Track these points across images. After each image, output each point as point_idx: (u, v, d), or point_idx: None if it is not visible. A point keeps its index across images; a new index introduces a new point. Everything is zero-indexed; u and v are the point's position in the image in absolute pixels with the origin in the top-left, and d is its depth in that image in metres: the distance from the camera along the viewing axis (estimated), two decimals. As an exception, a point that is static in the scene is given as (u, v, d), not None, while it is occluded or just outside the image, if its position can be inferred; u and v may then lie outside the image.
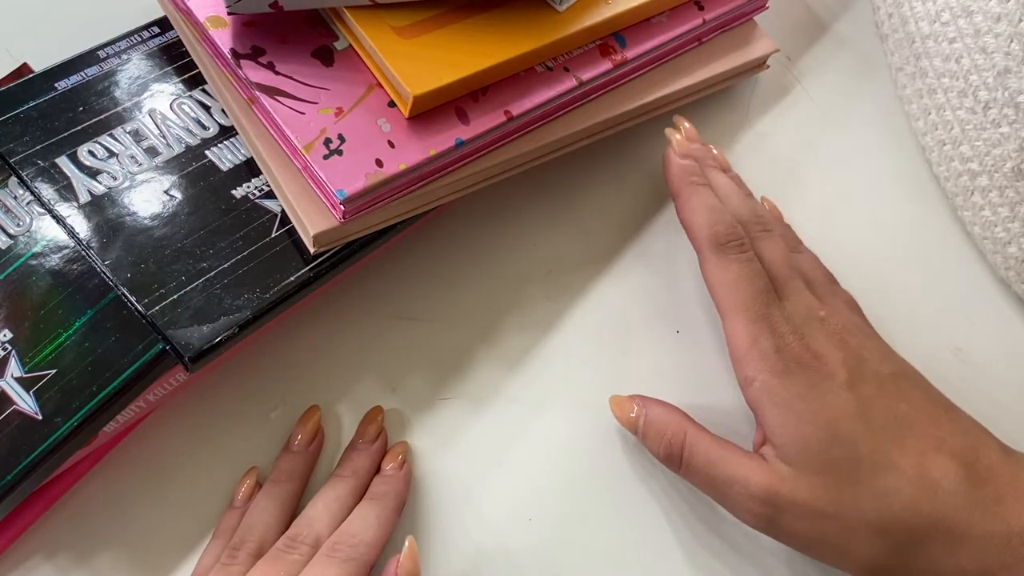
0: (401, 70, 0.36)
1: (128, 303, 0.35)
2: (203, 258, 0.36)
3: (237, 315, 0.35)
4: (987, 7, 0.42)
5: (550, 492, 0.39)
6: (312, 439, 0.38)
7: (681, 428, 0.37)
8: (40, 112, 0.38)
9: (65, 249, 0.37)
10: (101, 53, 0.41)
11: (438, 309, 0.42)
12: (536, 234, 0.44)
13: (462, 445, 0.40)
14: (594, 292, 0.43)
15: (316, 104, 0.36)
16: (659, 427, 0.37)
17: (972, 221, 0.45)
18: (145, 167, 0.38)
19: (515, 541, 0.38)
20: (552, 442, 0.40)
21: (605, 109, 0.42)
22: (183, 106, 0.40)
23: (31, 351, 0.35)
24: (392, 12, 0.38)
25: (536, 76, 0.40)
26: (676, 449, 0.36)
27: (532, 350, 0.42)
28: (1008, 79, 0.41)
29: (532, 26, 0.39)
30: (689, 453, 0.36)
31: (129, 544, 0.37)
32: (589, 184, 0.46)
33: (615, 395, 0.39)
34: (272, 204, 0.38)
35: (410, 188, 0.37)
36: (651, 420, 0.37)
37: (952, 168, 0.45)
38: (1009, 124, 0.42)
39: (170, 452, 0.39)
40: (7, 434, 0.33)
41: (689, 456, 0.36)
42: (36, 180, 0.37)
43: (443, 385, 0.41)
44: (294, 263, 0.37)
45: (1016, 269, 0.43)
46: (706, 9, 0.44)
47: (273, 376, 0.40)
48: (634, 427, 0.38)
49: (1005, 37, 0.41)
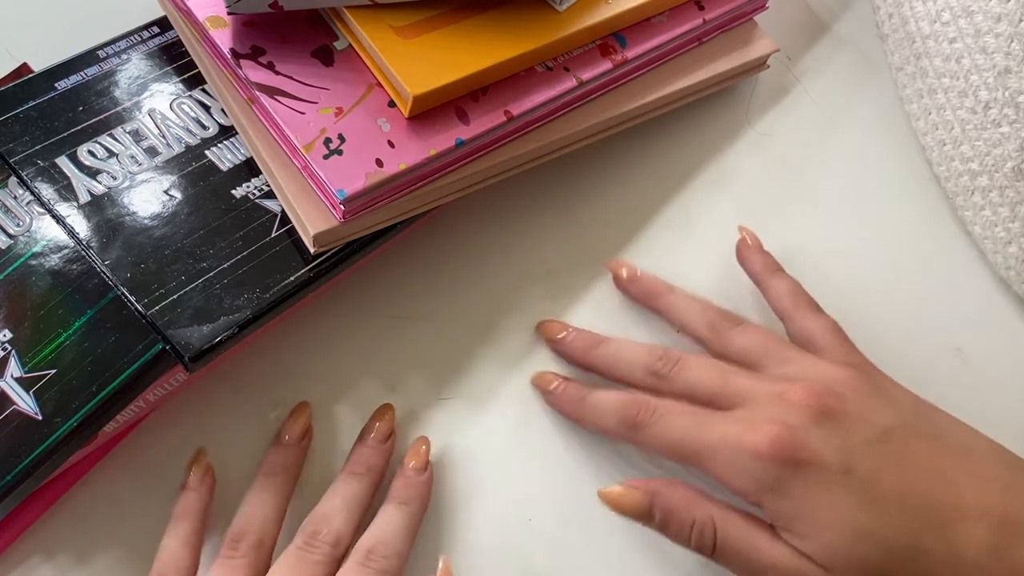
0: (401, 70, 0.36)
1: (128, 303, 0.35)
2: (203, 258, 0.36)
3: (237, 315, 0.35)
4: (987, 7, 0.42)
5: (550, 492, 0.39)
6: (303, 434, 0.38)
7: (707, 514, 0.34)
8: (40, 112, 0.38)
9: (65, 249, 0.37)
10: (101, 53, 0.41)
11: (438, 309, 0.42)
12: (536, 234, 0.44)
13: (462, 445, 0.40)
14: (594, 292, 0.43)
15: (316, 104, 0.36)
16: (682, 514, 0.34)
17: (972, 221, 0.45)
18: (145, 167, 0.38)
19: (515, 541, 0.38)
20: (552, 442, 0.40)
21: (605, 109, 0.42)
22: (183, 106, 0.40)
23: (31, 351, 0.35)
24: (392, 12, 0.38)
25: (536, 76, 0.40)
26: (708, 539, 0.34)
27: (532, 350, 0.42)
28: (1008, 79, 0.41)
29: (532, 26, 0.39)
30: (722, 542, 0.34)
31: (129, 544, 0.37)
32: (589, 184, 0.46)
33: (602, 489, 0.36)
34: (272, 204, 0.38)
35: (410, 188, 0.37)
36: (670, 509, 0.35)
37: (952, 168, 0.45)
38: (1009, 124, 0.42)
39: (170, 452, 0.39)
40: (7, 434, 0.33)
41: (722, 546, 0.34)
42: (36, 180, 0.37)
43: (443, 385, 0.41)
44: (294, 263, 0.37)
45: (1016, 269, 0.43)
46: (706, 9, 0.44)
47: (273, 376, 0.40)
48: (645, 515, 0.35)
49: (1005, 37, 0.41)
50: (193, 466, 0.38)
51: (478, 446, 0.40)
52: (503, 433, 0.40)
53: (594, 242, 0.44)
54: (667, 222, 0.45)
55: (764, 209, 0.46)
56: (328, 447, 0.39)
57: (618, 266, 0.42)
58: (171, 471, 0.38)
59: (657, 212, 0.45)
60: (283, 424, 0.39)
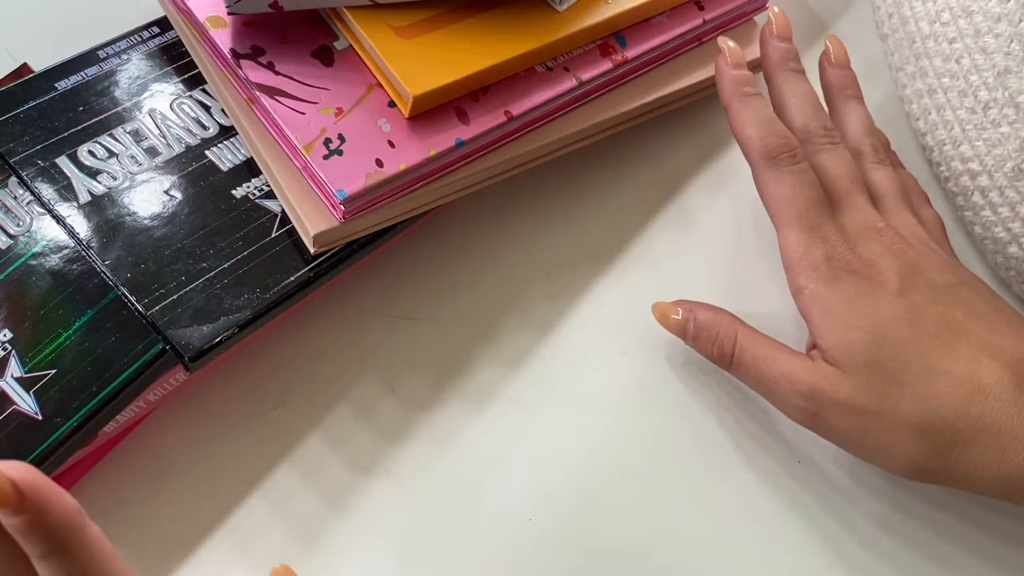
0: (401, 70, 0.36)
1: (128, 303, 0.35)
2: (203, 258, 0.36)
3: (237, 315, 0.35)
4: (987, 7, 0.42)
5: (550, 492, 0.39)
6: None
7: (732, 328, 0.38)
8: (40, 112, 0.38)
9: (65, 249, 0.37)
10: (101, 53, 0.41)
11: (438, 309, 0.42)
12: (536, 234, 0.44)
13: (462, 445, 0.40)
14: (594, 292, 0.43)
15: (316, 104, 0.36)
16: (710, 329, 0.38)
17: (972, 221, 0.45)
18: (145, 167, 0.38)
19: (515, 541, 0.38)
20: (552, 442, 0.40)
21: (605, 109, 0.42)
22: (183, 106, 0.40)
23: (31, 351, 0.35)
24: (392, 12, 0.38)
25: (536, 76, 0.40)
26: (728, 349, 0.37)
27: (532, 350, 0.42)
28: (1008, 79, 0.41)
29: (532, 26, 0.39)
30: (740, 351, 0.37)
31: (129, 544, 0.37)
32: (589, 184, 0.46)
33: (657, 302, 0.40)
34: (272, 204, 0.38)
35: (410, 188, 0.37)
36: (701, 322, 0.38)
37: (952, 168, 0.45)
38: (1009, 124, 0.42)
39: (170, 452, 0.39)
40: (7, 434, 0.33)
41: (740, 355, 0.37)
42: (36, 180, 0.37)
43: (443, 385, 0.41)
44: (294, 263, 0.37)
45: (1017, 269, 0.43)
46: (706, 9, 0.44)
47: (273, 376, 0.40)
48: (683, 331, 0.39)
49: (1005, 37, 0.41)
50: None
51: (478, 446, 0.40)
52: (503, 433, 0.40)
53: (594, 242, 0.44)
54: (667, 222, 0.45)
55: (764, 209, 0.46)
56: (328, 447, 0.39)
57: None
58: (171, 471, 0.38)
59: (657, 212, 0.45)
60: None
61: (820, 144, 0.38)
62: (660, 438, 0.40)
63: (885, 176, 0.39)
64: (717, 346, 0.38)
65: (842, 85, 0.42)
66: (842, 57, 0.42)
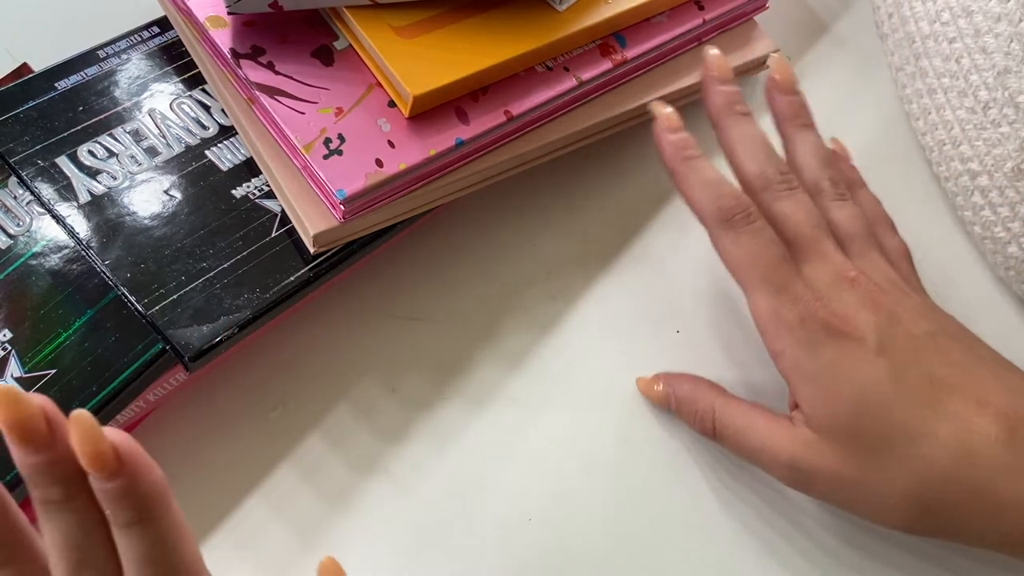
0: (401, 70, 0.36)
1: (128, 303, 0.35)
2: (203, 258, 0.36)
3: (237, 315, 0.35)
4: (987, 7, 0.42)
5: (550, 492, 0.39)
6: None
7: (709, 403, 0.38)
8: (40, 112, 0.38)
9: (65, 249, 0.37)
10: (101, 53, 0.41)
11: (438, 309, 0.42)
12: (536, 234, 0.44)
13: (462, 445, 0.40)
14: (594, 292, 0.43)
15: (316, 104, 0.36)
16: (689, 404, 0.39)
17: (972, 221, 0.45)
18: (145, 167, 0.38)
19: (515, 541, 0.38)
20: (552, 442, 0.40)
21: (605, 109, 0.42)
22: (183, 106, 0.40)
23: (31, 351, 0.35)
24: (392, 12, 0.38)
25: (536, 76, 0.40)
26: (708, 424, 0.38)
27: (532, 350, 0.42)
28: (1008, 79, 0.41)
29: (532, 26, 0.39)
30: (720, 426, 0.37)
31: (129, 544, 0.37)
32: (589, 184, 0.46)
33: (640, 377, 0.41)
34: (272, 204, 0.38)
35: (410, 188, 0.37)
36: (681, 397, 0.39)
37: (952, 168, 0.45)
38: (1009, 124, 0.42)
39: (170, 452, 0.39)
40: (7, 434, 0.33)
41: (720, 429, 0.37)
42: (36, 180, 0.37)
43: (443, 385, 0.41)
44: (294, 263, 0.37)
45: (1016, 269, 0.43)
46: (706, 9, 0.44)
47: (273, 376, 0.40)
48: (666, 403, 0.40)
49: (1005, 37, 0.41)
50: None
51: (478, 446, 0.40)
52: (503, 433, 0.40)
53: (594, 242, 0.44)
54: (667, 222, 0.45)
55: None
56: (328, 447, 0.39)
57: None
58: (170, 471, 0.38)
59: (657, 212, 0.45)
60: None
61: (778, 191, 0.37)
62: (660, 438, 0.40)
63: (848, 215, 0.38)
64: (699, 421, 0.38)
65: (792, 113, 0.40)
66: (788, 82, 0.40)
